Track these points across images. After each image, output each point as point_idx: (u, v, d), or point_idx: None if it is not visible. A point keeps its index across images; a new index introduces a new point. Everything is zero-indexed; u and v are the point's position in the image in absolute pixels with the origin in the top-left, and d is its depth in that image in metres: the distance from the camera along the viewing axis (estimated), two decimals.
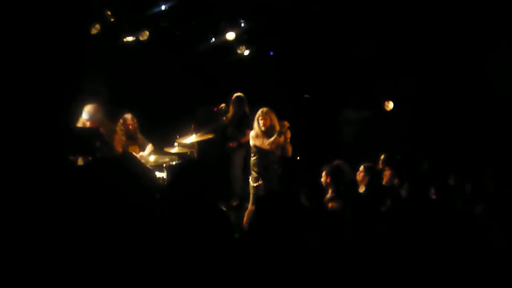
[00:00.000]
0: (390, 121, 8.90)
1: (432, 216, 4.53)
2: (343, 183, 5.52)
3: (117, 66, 7.83)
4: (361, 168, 5.90)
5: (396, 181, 6.23)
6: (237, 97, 7.72)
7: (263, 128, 6.61)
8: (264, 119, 6.63)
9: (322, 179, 5.52)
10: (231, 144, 7.69)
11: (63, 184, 3.99)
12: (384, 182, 6.23)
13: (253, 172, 6.76)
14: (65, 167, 4.84)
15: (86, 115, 6.31)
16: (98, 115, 6.34)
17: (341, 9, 7.90)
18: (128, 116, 6.91)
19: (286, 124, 6.61)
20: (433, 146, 8.17)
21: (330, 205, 5.02)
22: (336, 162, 5.76)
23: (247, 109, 7.69)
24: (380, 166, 6.82)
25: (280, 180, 6.73)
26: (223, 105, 7.75)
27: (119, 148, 6.59)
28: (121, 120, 6.92)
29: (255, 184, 6.76)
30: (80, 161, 5.28)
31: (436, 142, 8.37)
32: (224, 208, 7.41)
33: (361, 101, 9.01)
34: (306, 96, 9.81)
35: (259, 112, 6.69)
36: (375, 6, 7.71)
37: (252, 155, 6.80)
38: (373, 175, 5.76)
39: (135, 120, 6.95)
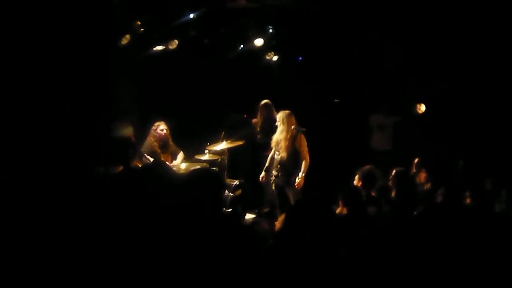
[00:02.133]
0: (423, 125, 8.76)
1: (467, 221, 4.45)
2: (375, 188, 5.47)
3: (148, 75, 7.92)
4: (393, 172, 5.84)
5: (428, 185, 6.16)
6: (265, 104, 7.76)
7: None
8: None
9: (355, 183, 5.48)
10: (266, 153, 7.70)
11: (97, 193, 4.04)
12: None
13: None
14: (98, 176, 4.90)
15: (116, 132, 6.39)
16: (129, 130, 6.40)
17: (370, 14, 7.83)
18: (160, 123, 6.96)
19: None
20: (468, 149, 8.01)
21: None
22: (367, 167, 5.72)
23: (275, 115, 7.70)
24: (414, 170, 6.75)
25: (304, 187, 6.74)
26: (255, 120, 7.79)
27: (151, 157, 6.65)
28: (153, 127, 6.97)
29: (273, 188, 6.97)
30: (113, 170, 5.33)
31: (471, 145, 8.21)
32: (254, 215, 7.45)
33: (392, 105, 8.90)
34: (336, 101, 9.76)
35: None
36: (404, 11, 7.61)
37: None
38: (405, 179, 5.68)
39: (167, 127, 7.00)
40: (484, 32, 7.88)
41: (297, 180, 6.62)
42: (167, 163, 6.80)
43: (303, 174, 6.64)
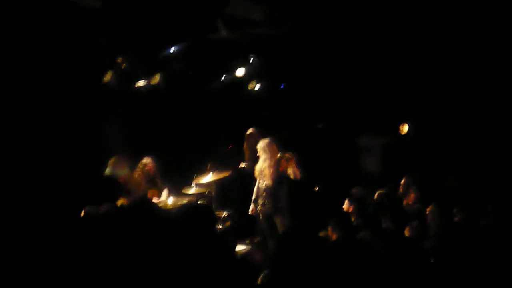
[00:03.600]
0: (410, 145, 8.81)
1: (461, 239, 4.45)
2: (367, 211, 5.44)
3: (133, 110, 7.90)
4: (376, 195, 5.84)
5: (417, 205, 6.14)
6: (251, 133, 7.78)
7: None
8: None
9: (345, 207, 5.46)
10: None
11: (85, 233, 3.99)
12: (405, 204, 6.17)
13: None
14: (87, 216, 4.84)
15: (112, 171, 6.36)
16: (125, 170, 6.36)
17: (353, 35, 7.92)
18: (147, 160, 6.91)
19: None
20: (456, 166, 8.05)
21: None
22: (358, 189, 5.71)
23: None
24: (401, 190, 6.73)
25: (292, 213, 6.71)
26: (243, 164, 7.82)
27: (138, 194, 6.59)
28: (140, 165, 6.92)
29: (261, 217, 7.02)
30: (100, 210, 5.28)
31: (457, 162, 8.26)
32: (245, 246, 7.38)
33: (379, 126, 8.97)
34: (320, 125, 9.80)
35: None
36: (387, 30, 7.71)
37: None
38: (390, 201, 5.66)
39: (154, 164, 6.94)
40: (471, 49, 7.99)
41: None
42: (155, 198, 6.75)
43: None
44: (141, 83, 7.53)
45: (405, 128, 8.64)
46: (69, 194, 4.98)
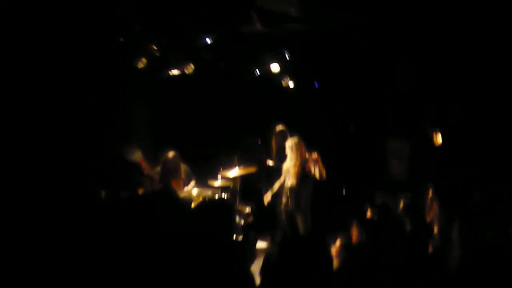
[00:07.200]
0: (438, 151, 8.60)
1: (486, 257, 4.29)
2: (390, 220, 5.32)
3: (163, 99, 7.92)
4: (401, 204, 5.71)
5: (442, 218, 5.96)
6: (279, 130, 7.71)
7: None
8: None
9: (367, 212, 5.35)
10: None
11: (103, 218, 3.99)
12: (429, 218, 6.00)
13: None
14: (106, 201, 4.86)
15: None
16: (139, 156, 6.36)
17: (384, 39, 7.76)
18: (170, 154, 6.90)
19: None
20: (483, 176, 7.81)
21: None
22: (381, 194, 5.59)
23: None
24: (429, 202, 6.57)
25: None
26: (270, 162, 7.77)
27: (160, 183, 6.60)
28: (164, 156, 6.93)
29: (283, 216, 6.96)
30: (121, 195, 5.30)
31: (485, 171, 8.01)
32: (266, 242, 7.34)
33: (407, 132, 8.79)
34: (351, 126, 9.68)
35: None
36: (417, 35, 7.53)
37: None
38: (415, 212, 5.53)
39: (177, 157, 6.92)
40: (502, 53, 7.76)
41: None
42: (179, 189, 6.75)
43: None
44: (174, 71, 7.54)
45: (439, 138, 8.39)
46: (90, 178, 5.01)
